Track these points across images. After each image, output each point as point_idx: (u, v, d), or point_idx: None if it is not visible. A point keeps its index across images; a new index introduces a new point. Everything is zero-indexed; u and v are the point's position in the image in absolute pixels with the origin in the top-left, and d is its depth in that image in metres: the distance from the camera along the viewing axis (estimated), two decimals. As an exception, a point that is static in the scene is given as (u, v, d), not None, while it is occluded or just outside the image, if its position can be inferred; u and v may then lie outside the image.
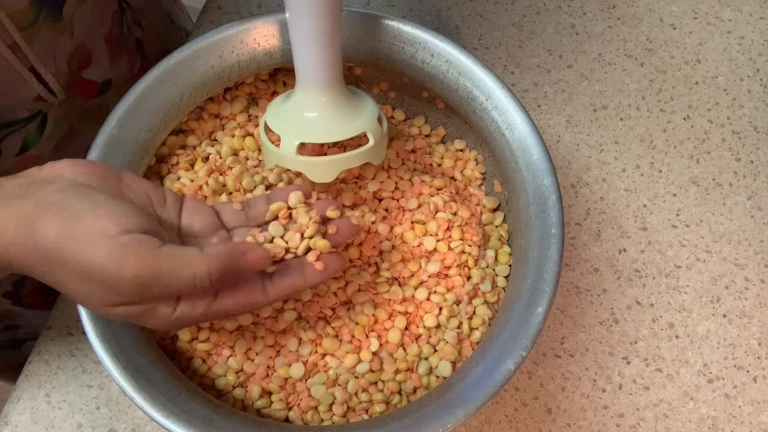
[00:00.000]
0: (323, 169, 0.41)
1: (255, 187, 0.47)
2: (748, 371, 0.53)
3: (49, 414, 0.49)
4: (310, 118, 0.41)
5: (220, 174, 0.48)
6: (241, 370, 0.43)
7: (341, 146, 0.48)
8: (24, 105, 0.48)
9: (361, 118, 0.42)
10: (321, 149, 0.48)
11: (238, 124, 0.50)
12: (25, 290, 0.60)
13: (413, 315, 0.45)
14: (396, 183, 0.48)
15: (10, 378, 0.57)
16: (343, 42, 0.41)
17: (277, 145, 0.42)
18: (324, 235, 0.38)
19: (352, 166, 0.42)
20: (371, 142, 0.42)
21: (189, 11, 0.76)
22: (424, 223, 0.47)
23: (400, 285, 0.46)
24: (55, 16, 0.47)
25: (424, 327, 0.45)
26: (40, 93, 0.48)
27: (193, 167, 0.48)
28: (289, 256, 0.38)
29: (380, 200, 0.48)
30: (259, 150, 0.49)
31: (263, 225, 0.40)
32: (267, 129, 0.43)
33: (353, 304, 0.45)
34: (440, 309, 0.45)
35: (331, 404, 0.43)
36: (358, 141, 0.47)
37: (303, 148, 0.41)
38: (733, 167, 0.60)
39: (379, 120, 0.43)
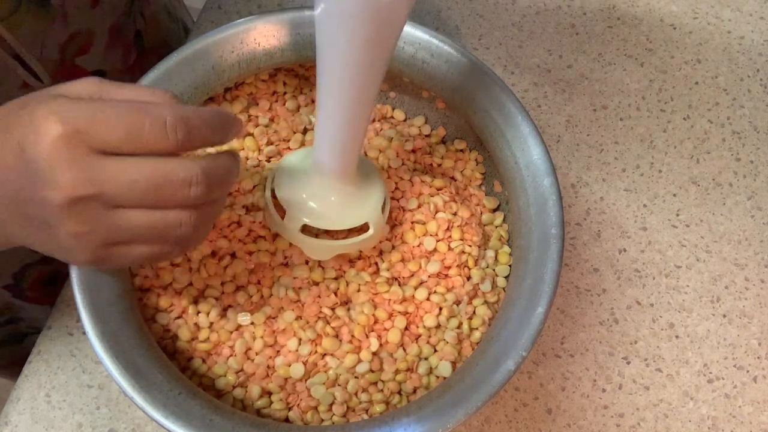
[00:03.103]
0: (321, 250, 0.43)
1: (254, 187, 0.47)
2: (748, 371, 0.53)
3: (49, 414, 0.49)
4: (318, 203, 0.42)
5: (220, 174, 0.48)
6: (241, 370, 0.43)
7: None
8: (9, 93, 0.48)
9: (367, 206, 0.43)
10: None
11: (238, 124, 0.50)
12: (26, 283, 0.60)
13: (413, 315, 0.45)
14: (396, 183, 0.48)
15: (12, 374, 0.57)
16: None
17: (277, 209, 0.42)
18: None
19: (347, 251, 0.44)
20: (371, 231, 0.43)
21: (189, 11, 0.76)
22: (424, 223, 0.47)
23: (400, 285, 0.46)
24: (40, 4, 0.46)
25: (424, 327, 0.45)
26: (26, 80, 0.48)
27: (193, 167, 0.48)
28: None
29: (380, 200, 0.48)
30: (260, 150, 0.49)
31: None
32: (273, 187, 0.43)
33: (353, 304, 0.45)
34: (440, 309, 0.45)
35: (331, 404, 0.43)
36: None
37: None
38: (733, 167, 0.60)
39: (383, 205, 0.44)
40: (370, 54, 0.34)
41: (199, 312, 0.44)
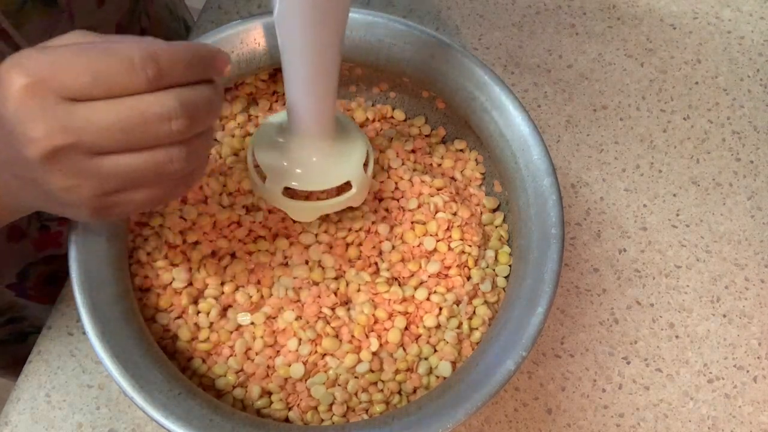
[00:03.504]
0: (305, 212, 0.43)
1: (255, 187, 0.47)
2: (748, 371, 0.53)
3: (49, 414, 0.49)
4: (298, 164, 0.41)
5: (221, 174, 0.48)
6: (241, 370, 0.43)
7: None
8: None
9: (348, 165, 0.42)
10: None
11: (238, 124, 0.50)
12: (30, 282, 0.60)
13: (413, 315, 0.45)
14: (396, 183, 0.48)
15: (15, 374, 0.57)
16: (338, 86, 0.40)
17: (261, 176, 0.42)
18: None
19: (332, 211, 0.43)
20: (354, 189, 0.42)
21: (189, 11, 0.76)
22: (424, 223, 0.47)
23: (400, 285, 0.46)
24: (47, 2, 0.46)
25: (424, 327, 0.45)
26: None
27: (193, 167, 0.48)
28: None
29: (380, 200, 0.48)
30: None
31: None
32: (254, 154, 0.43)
33: (353, 304, 0.45)
34: (440, 309, 0.45)
35: (331, 404, 0.43)
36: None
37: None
38: (733, 167, 0.60)
39: (366, 162, 0.43)
40: None
41: (199, 312, 0.44)
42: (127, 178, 0.29)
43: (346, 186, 0.43)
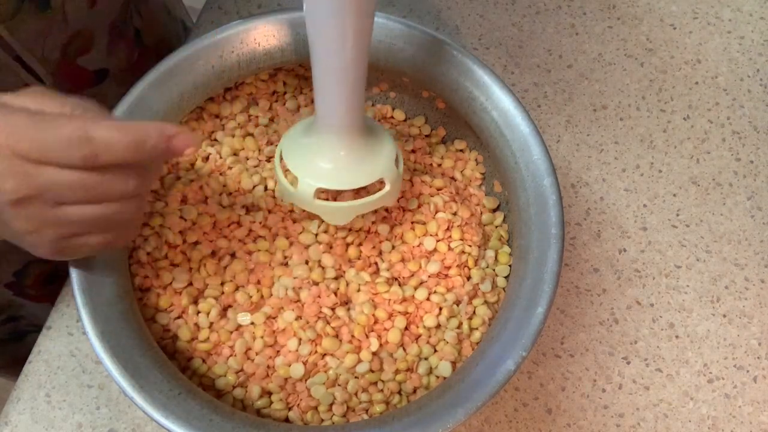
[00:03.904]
0: (340, 213, 0.42)
1: (254, 187, 0.47)
2: (748, 371, 0.53)
3: (49, 414, 0.49)
4: (329, 162, 0.41)
5: (220, 174, 0.48)
6: (241, 370, 0.43)
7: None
8: None
9: (380, 162, 0.41)
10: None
11: (238, 124, 0.50)
12: (28, 281, 0.60)
13: (413, 315, 0.45)
14: (396, 183, 0.48)
15: (13, 374, 0.58)
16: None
17: (289, 179, 0.41)
18: None
19: (367, 211, 0.43)
20: (387, 187, 0.42)
21: (189, 11, 0.76)
22: (424, 223, 0.47)
23: (400, 285, 0.46)
24: (41, 5, 0.46)
25: (424, 327, 0.45)
26: (27, 81, 0.48)
27: (193, 167, 0.48)
28: None
29: (380, 200, 0.48)
30: (260, 150, 0.49)
31: None
32: (281, 158, 0.42)
33: (353, 304, 0.45)
34: (440, 309, 0.45)
35: (331, 404, 0.43)
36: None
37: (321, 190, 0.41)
38: (733, 167, 0.60)
39: (396, 160, 0.43)
40: None
41: (199, 312, 0.44)
42: (83, 225, 0.33)
43: (378, 185, 0.42)
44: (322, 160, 0.41)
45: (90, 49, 0.53)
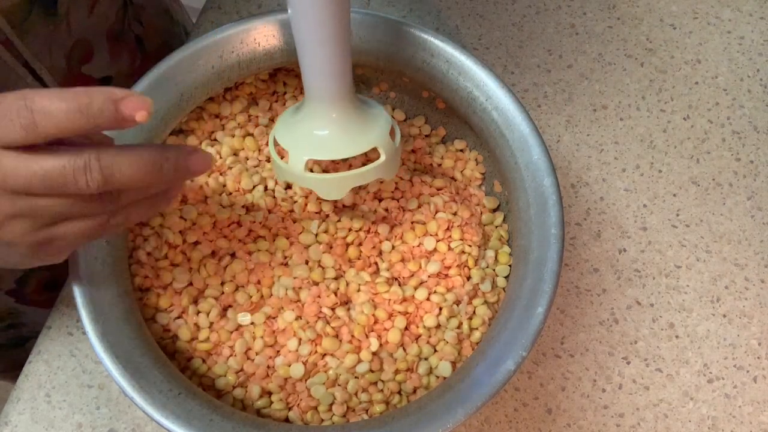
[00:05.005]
0: (333, 186, 0.41)
1: (254, 187, 0.47)
2: (748, 371, 0.53)
3: (49, 414, 0.49)
4: (319, 133, 0.40)
5: (220, 174, 0.48)
6: (241, 370, 0.43)
7: (348, 162, 0.48)
8: None
9: (373, 132, 0.40)
10: (333, 164, 0.47)
11: (238, 124, 0.50)
12: (29, 287, 0.60)
13: (413, 315, 0.45)
14: (396, 183, 0.48)
15: (13, 378, 0.58)
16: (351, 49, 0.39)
17: (285, 160, 0.40)
18: None
19: (363, 183, 0.41)
20: (383, 157, 0.40)
21: (189, 11, 0.76)
22: (424, 223, 0.47)
23: (400, 285, 0.46)
24: (48, 11, 0.47)
25: (424, 327, 0.45)
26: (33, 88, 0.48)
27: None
28: None
29: (380, 200, 0.48)
30: (260, 150, 0.49)
31: None
32: (276, 143, 0.42)
33: (353, 304, 0.45)
34: (440, 309, 0.45)
35: (331, 404, 0.43)
36: (370, 154, 0.46)
37: (314, 164, 0.40)
38: (733, 167, 0.60)
39: (392, 133, 0.42)
40: None
41: (199, 312, 0.44)
42: (58, 212, 0.30)
43: (374, 156, 0.40)
44: (314, 129, 0.40)
45: (91, 57, 0.53)
